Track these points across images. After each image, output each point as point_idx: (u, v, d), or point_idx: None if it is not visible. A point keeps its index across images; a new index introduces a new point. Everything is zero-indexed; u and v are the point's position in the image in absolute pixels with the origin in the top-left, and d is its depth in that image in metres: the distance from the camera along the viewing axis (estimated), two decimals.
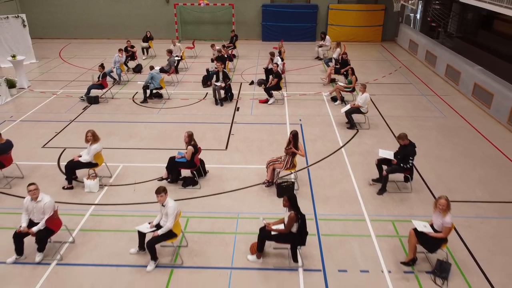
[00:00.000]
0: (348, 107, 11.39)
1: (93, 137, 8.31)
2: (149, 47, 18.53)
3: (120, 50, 14.99)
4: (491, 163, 9.59)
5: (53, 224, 6.52)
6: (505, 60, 13.51)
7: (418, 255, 6.46)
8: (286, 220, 6.26)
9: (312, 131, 11.19)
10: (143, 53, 18.36)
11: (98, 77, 13.34)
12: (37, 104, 13.23)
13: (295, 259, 6.42)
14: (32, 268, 6.45)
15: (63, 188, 8.51)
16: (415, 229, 6.29)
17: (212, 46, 15.96)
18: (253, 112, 12.61)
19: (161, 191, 6.26)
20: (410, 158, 8.06)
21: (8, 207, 7.95)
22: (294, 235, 6.25)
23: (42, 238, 6.41)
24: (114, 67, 14.67)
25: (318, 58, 18.40)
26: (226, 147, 10.35)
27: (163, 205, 6.34)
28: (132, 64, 16.64)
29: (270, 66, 14.36)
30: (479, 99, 12.86)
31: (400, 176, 8.58)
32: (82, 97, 13.39)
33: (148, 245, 6.23)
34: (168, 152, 9.32)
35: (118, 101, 13.44)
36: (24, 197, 7.81)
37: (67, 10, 21.46)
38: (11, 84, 13.82)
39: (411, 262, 6.33)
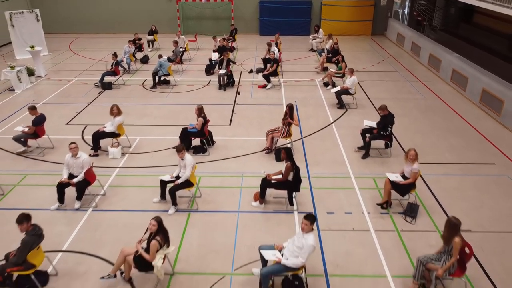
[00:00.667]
0: (338, 88, 12.77)
1: (117, 110, 9.64)
2: (154, 40, 19.84)
3: (130, 41, 16.32)
4: (461, 134, 11.00)
5: (90, 176, 7.84)
6: (481, 49, 14.90)
7: (392, 201, 7.83)
8: (283, 170, 7.61)
9: (306, 111, 12.54)
10: (148, 46, 19.66)
11: (112, 65, 14.64)
12: (55, 90, 14.50)
13: (291, 203, 7.78)
14: (72, 213, 7.76)
15: (90, 155, 9.77)
16: (392, 181, 7.66)
17: (214, 38, 17.32)
18: (253, 96, 13.96)
19: (181, 148, 7.60)
20: (389, 126, 9.44)
21: (44, 170, 9.25)
22: (290, 183, 7.60)
23: (81, 188, 7.73)
24: (124, 57, 15.94)
25: (312, 49, 19.78)
26: (230, 123, 11.70)
27: (181, 159, 7.67)
28: (139, 55, 17.93)
29: (267, 56, 15.71)
30: (456, 83, 14.28)
31: (381, 144, 9.96)
32: (96, 83, 14.67)
33: (170, 191, 7.57)
34: (179, 127, 10.60)
35: (130, 87, 14.74)
36: (55, 163, 9.18)
37: (74, 6, 22.69)
38: (30, 73, 15.08)
39: (385, 204, 7.70)
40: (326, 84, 14.67)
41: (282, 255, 5.75)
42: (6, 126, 11.46)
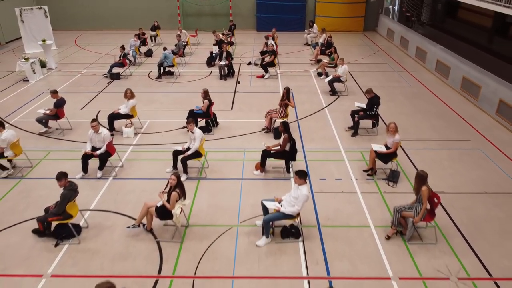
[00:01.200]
0: (330, 77, 13.87)
1: (131, 94, 10.69)
2: (157, 35, 20.86)
3: (135, 35, 17.32)
4: (442, 116, 12.13)
5: (111, 149, 8.88)
6: (462, 41, 16.03)
7: (377, 170, 8.93)
8: (281, 141, 8.70)
9: (302, 97, 13.62)
10: (151, 41, 20.67)
11: (120, 57, 15.66)
12: (66, 80, 15.49)
13: (288, 171, 8.86)
14: (95, 181, 8.79)
15: None
16: (376, 152, 8.77)
17: (214, 32, 18.39)
18: (252, 85, 15.03)
19: (190, 121, 8.65)
20: (375, 106, 10.55)
21: (66, 147, 10.27)
22: (288, 153, 8.69)
23: (103, 159, 8.77)
24: (130, 50, 16.95)
25: (306, 44, 20.88)
26: (232, 108, 12.77)
27: (192, 132, 8.72)
28: (143, 49, 18.93)
29: (265, 49, 16.78)
30: (440, 72, 15.43)
31: (369, 123, 11.06)
32: (105, 74, 15.68)
33: (182, 161, 8.62)
34: (185, 111, 11.61)
35: (136, 78, 15.75)
36: (75, 141, 10.24)
37: (79, 4, 23.65)
38: (42, 64, 16.06)
39: (370, 170, 8.80)
40: (320, 74, 15.76)
41: (281, 206, 6.82)
42: (26, 111, 12.45)
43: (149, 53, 18.68)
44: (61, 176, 6.74)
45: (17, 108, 12.80)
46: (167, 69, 15.73)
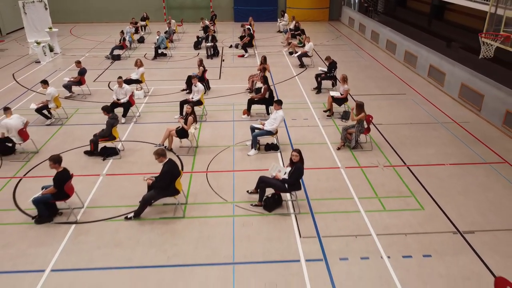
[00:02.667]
0: (299, 52, 16.92)
1: (140, 63, 13.37)
2: (146, 25, 23.42)
3: (131, 23, 19.88)
4: (386, 79, 15.36)
5: (132, 100, 11.58)
6: (408, 24, 19.39)
7: (334, 112, 11.99)
8: (262, 91, 11.63)
9: (276, 70, 16.57)
10: (141, 30, 23.21)
11: (120, 40, 18.23)
12: (73, 62, 17.89)
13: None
14: (120, 125, 11.44)
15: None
16: (332, 97, 11.81)
17: (202, 19, 21.20)
18: (234, 62, 17.91)
19: (194, 76, 11.47)
20: (333, 69, 13.64)
21: (89, 106, 12.83)
22: (267, 99, 11.62)
23: (127, 107, 11.45)
24: (126, 36, 19.50)
25: (279, 31, 23.92)
26: (220, 77, 15.62)
27: (195, 86, 11.53)
28: (136, 36, 21.48)
29: (243, 34, 19.67)
30: (389, 49, 18.76)
31: (329, 84, 14.13)
32: (107, 56, 18.19)
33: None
34: (182, 81, 14.32)
35: (134, 59, 18.17)
36: (95, 102, 12.82)
37: None
38: (51, 48, 18.41)
39: (329, 111, 11.85)
40: (291, 53, 18.80)
41: (264, 125, 9.75)
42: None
43: (141, 40, 21.26)
44: (107, 109, 9.45)
45: (37, 82, 15.20)
46: (160, 51, 18.39)
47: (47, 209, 7.31)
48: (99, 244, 6.84)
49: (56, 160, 7.04)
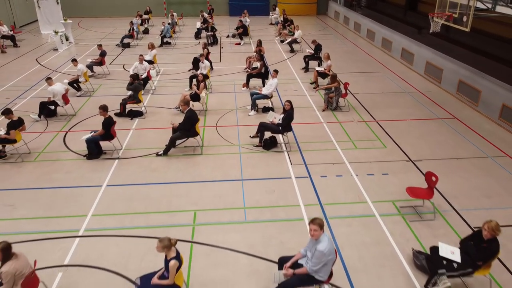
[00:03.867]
0: (289, 39, 19.22)
1: (152, 46, 15.55)
2: (149, 18, 25.55)
3: (137, 14, 22.00)
4: (365, 61, 17.73)
5: (149, 74, 13.76)
6: (386, 15, 21.80)
7: (320, 85, 14.28)
8: (259, 66, 13.89)
9: (269, 55, 18.84)
10: (145, 22, 25.32)
11: (129, 30, 20.35)
12: (88, 49, 20.01)
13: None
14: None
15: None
16: (317, 71, 14.12)
17: (201, 11, 23.41)
18: (231, 49, 20.15)
19: (202, 54, 13.66)
20: (319, 51, 15.95)
21: (110, 83, 14.99)
22: (263, 73, 13.88)
23: (146, 80, 13.62)
24: (134, 26, 21.62)
25: (271, 23, 26.21)
26: (220, 60, 17.85)
27: (202, 62, 13.72)
28: (141, 28, 23.60)
29: (239, 25, 21.92)
30: (369, 37, 21.16)
31: (315, 64, 16.42)
32: (118, 44, 20.30)
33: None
34: (187, 63, 16.52)
35: (142, 47, 20.45)
36: (115, 79, 14.93)
37: None
38: (66, 38, 20.47)
39: (315, 83, 14.14)
40: (282, 41, 21.10)
41: (262, 90, 12.00)
42: (68, 66, 16.99)
43: (146, 31, 23.40)
44: (133, 76, 11.63)
45: (59, 66, 17.29)
46: (165, 40, 20.55)
47: (96, 148, 9.48)
48: (140, 170, 9.04)
49: (104, 108, 9.24)
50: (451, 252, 5.63)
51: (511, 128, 10.84)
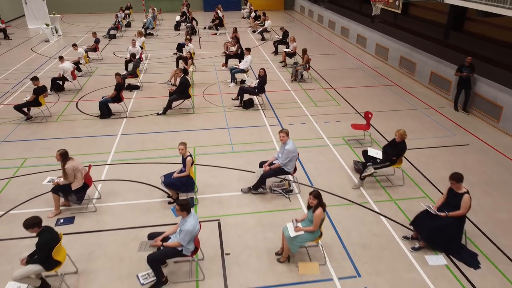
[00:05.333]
0: (260, 29, 21.82)
1: (140, 33, 17.74)
2: (130, 13, 27.54)
3: (120, 9, 24.03)
4: (328, 47, 20.53)
5: (141, 56, 15.97)
6: (345, 8, 24.73)
7: (288, 64, 16.89)
8: (235, 48, 16.35)
9: (243, 43, 21.19)
10: (127, 17, 27.30)
11: (114, 23, 22.39)
12: (76, 40, 21.83)
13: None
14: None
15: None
16: (285, 52, 16.70)
17: (182, 5, 25.65)
18: (209, 38, 22.54)
19: (187, 38, 16.01)
20: (286, 36, 18.58)
21: (104, 67, 17.07)
22: (239, 54, 16.35)
23: (137, 63, 15.82)
24: (119, 19, 23.63)
25: (243, 17, 28.73)
26: (200, 47, 20.21)
27: (187, 46, 16.06)
28: (124, 21, 25.59)
29: (213, 18, 24.33)
30: (330, 27, 24.04)
31: (283, 47, 19.03)
32: (105, 35, 22.28)
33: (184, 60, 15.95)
34: (172, 49, 18.78)
35: (128, 38, 22.50)
36: (108, 63, 17.07)
37: None
38: (56, 30, 22.26)
39: (283, 62, 16.74)
40: (254, 31, 23.65)
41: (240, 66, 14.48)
42: (66, 51, 18.90)
43: (128, 25, 25.42)
44: (133, 55, 13.85)
45: (54, 54, 19.17)
46: (148, 31, 22.69)
47: (107, 109, 11.69)
48: (145, 124, 11.33)
49: (119, 74, 11.49)
50: (376, 153, 8.30)
51: (437, 89, 13.77)
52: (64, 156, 7.23)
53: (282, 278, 6.06)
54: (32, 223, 5.32)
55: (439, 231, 6.40)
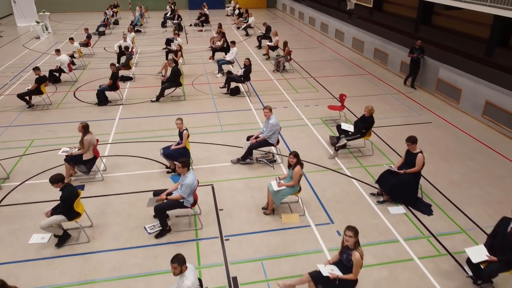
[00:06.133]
0: (244, 25, 22.93)
1: (131, 29, 18.65)
2: (117, 12, 28.32)
3: (110, 6, 24.83)
4: (309, 42, 21.77)
5: (132, 50, 16.91)
6: (324, 5, 26.03)
7: (271, 56, 18.06)
8: (221, 42, 17.43)
9: (229, 38, 22.39)
10: (114, 15, 28.07)
11: (103, 20, 23.20)
12: (66, 37, 22.57)
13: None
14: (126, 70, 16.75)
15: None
16: (268, 45, 17.85)
17: (168, 2, 26.56)
18: (195, 34, 23.55)
19: (175, 33, 17.01)
20: (269, 31, 19.74)
21: (96, 60, 17.94)
22: (225, 48, 17.43)
23: (129, 56, 16.76)
24: (108, 16, 24.43)
25: (227, 15, 29.81)
26: (187, 42, 21.21)
27: (176, 40, 17.06)
28: (112, 19, 26.38)
29: (198, 15, 25.34)
30: (311, 23, 25.32)
31: (266, 41, 20.20)
32: (94, 32, 23.05)
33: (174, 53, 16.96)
34: (160, 45, 19.74)
35: (117, 34, 23.34)
36: (101, 58, 17.97)
37: None
38: (46, 27, 22.95)
39: (266, 55, 17.90)
40: (238, 28, 24.76)
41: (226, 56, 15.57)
42: (59, 46, 19.63)
43: (116, 22, 26.23)
44: (126, 48, 14.80)
45: (46, 50, 19.92)
46: (136, 28, 23.58)
47: (104, 97, 12.64)
48: (141, 110, 12.32)
49: (113, 64, 12.45)
50: (348, 126, 9.52)
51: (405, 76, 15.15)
52: (85, 129, 8.22)
53: (268, 226, 7.19)
54: (57, 179, 6.32)
55: (399, 186, 7.61)
